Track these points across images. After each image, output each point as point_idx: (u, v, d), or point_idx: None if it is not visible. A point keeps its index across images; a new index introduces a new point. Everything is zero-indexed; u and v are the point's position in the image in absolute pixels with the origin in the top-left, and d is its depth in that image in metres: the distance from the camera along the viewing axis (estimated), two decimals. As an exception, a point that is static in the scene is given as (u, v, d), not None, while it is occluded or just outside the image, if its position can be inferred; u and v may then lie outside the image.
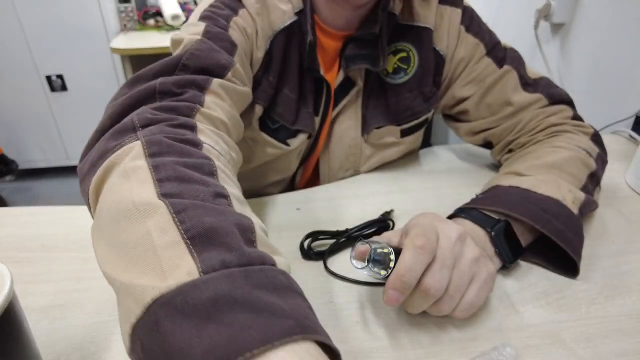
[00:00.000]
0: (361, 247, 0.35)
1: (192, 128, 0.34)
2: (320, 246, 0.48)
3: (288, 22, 0.54)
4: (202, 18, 0.48)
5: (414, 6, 0.59)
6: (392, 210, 0.54)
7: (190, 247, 0.23)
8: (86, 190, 0.31)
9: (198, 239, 0.23)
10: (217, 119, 0.39)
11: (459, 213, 0.45)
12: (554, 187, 0.46)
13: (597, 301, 0.41)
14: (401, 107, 0.62)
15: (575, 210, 0.45)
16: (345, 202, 0.58)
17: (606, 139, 0.77)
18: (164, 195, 0.25)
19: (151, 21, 2.01)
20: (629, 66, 0.83)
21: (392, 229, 0.51)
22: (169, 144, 0.30)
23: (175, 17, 1.89)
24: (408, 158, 0.72)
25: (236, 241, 0.24)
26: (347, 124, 0.62)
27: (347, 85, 0.59)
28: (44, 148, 2.19)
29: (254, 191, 0.66)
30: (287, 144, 0.59)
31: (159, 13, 2.00)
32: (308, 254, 0.45)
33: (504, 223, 0.43)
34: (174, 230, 0.23)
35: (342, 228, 0.51)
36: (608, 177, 0.63)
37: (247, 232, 0.25)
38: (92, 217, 0.31)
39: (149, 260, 0.23)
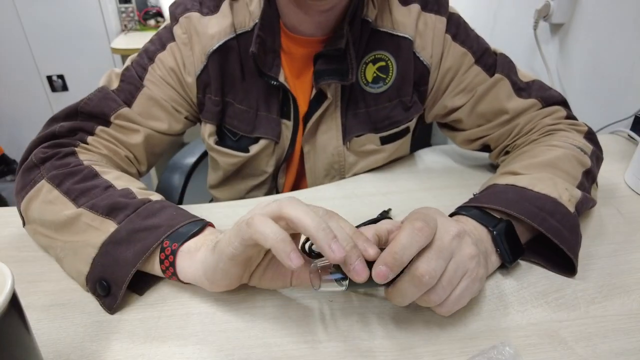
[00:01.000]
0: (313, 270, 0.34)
1: (73, 153, 0.51)
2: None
3: (222, 42, 0.57)
4: (132, 61, 0.59)
5: (392, 13, 0.58)
6: (389, 210, 0.54)
7: (107, 217, 0.42)
8: (19, 203, 0.47)
9: (108, 213, 0.43)
10: (96, 152, 0.53)
11: (460, 211, 0.45)
12: (550, 186, 0.46)
13: (596, 300, 0.41)
14: (380, 116, 0.62)
15: (571, 209, 0.45)
16: (345, 202, 0.58)
17: (605, 138, 0.78)
18: (80, 205, 0.44)
19: (152, 22, 2.01)
20: (628, 66, 0.83)
21: None
22: (63, 174, 0.46)
23: (175, 17, 1.89)
24: (408, 158, 0.72)
25: (125, 202, 0.43)
26: (328, 133, 0.62)
27: (320, 97, 0.59)
28: (45, 148, 2.19)
29: (240, 197, 0.69)
30: (247, 151, 0.62)
31: (159, 13, 2.00)
32: (309, 255, 0.45)
33: (505, 223, 0.43)
34: (96, 216, 0.43)
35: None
36: (607, 177, 0.63)
37: (129, 195, 0.45)
38: (24, 225, 0.48)
39: (90, 229, 0.42)
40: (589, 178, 0.51)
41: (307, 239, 0.42)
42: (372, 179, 0.65)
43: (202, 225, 0.42)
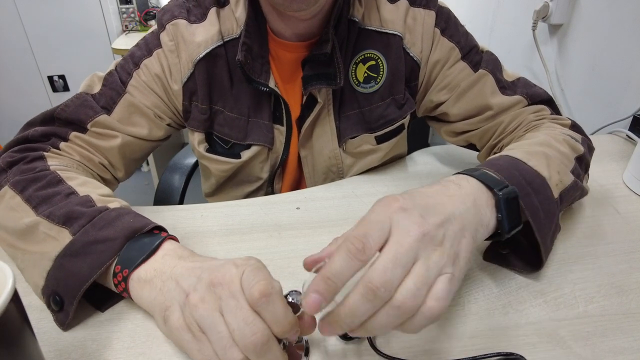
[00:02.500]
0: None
1: (41, 157, 0.50)
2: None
3: (209, 49, 0.56)
4: (116, 65, 0.59)
5: (380, 10, 0.58)
6: None
7: (63, 226, 0.41)
8: None
9: (64, 222, 0.41)
10: (67, 158, 0.53)
11: (464, 172, 0.41)
12: (543, 163, 0.44)
13: (595, 300, 0.42)
14: (374, 116, 0.62)
15: (555, 194, 0.43)
16: (345, 201, 0.58)
17: (604, 139, 0.78)
18: (39, 214, 0.42)
19: (152, 22, 2.01)
20: (627, 67, 0.84)
21: None
22: (27, 180, 0.46)
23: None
24: (407, 158, 0.72)
25: (81, 211, 0.42)
26: (323, 137, 0.62)
27: (311, 101, 0.59)
28: (45, 149, 2.19)
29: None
30: (239, 157, 0.62)
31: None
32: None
33: (512, 188, 0.39)
34: (53, 225, 0.41)
35: (341, 228, 0.51)
36: (605, 177, 0.63)
37: (88, 203, 0.43)
38: None
39: (48, 238, 0.41)
40: (582, 164, 0.50)
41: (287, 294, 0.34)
42: (371, 179, 0.65)
43: (158, 243, 0.39)
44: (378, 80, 0.60)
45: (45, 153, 0.51)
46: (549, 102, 0.60)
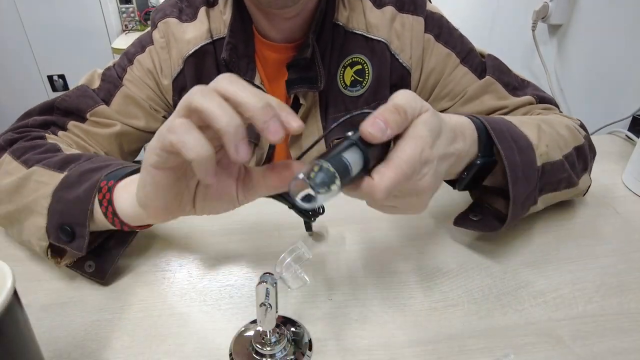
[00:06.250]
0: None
1: (42, 137, 0.52)
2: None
3: (198, 46, 0.58)
4: (113, 62, 0.61)
5: (366, 15, 0.58)
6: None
7: (58, 171, 0.43)
8: None
9: (60, 167, 0.43)
10: (64, 142, 0.53)
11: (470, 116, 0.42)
12: (534, 132, 0.44)
13: (593, 300, 0.42)
14: (360, 119, 0.62)
15: (538, 162, 0.43)
16: (345, 201, 0.58)
17: (603, 139, 0.78)
18: (34, 166, 0.44)
19: (151, 22, 2.01)
20: (626, 67, 0.84)
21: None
22: (26, 147, 0.48)
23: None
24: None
25: (78, 155, 0.45)
26: (311, 137, 0.62)
27: (297, 103, 0.60)
28: (44, 148, 2.19)
29: None
30: None
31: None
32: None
33: (491, 161, 0.40)
34: (47, 170, 0.43)
35: (341, 228, 0.52)
36: (605, 177, 0.63)
37: (86, 153, 0.47)
38: None
39: (41, 185, 0.42)
40: (579, 156, 0.49)
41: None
42: (372, 179, 0.65)
43: None
44: (364, 84, 0.60)
45: (45, 134, 0.53)
46: (556, 106, 0.60)
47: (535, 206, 0.46)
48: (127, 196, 0.37)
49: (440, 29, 0.59)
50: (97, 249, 0.43)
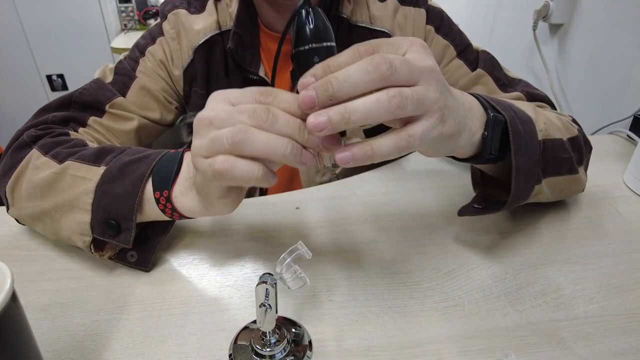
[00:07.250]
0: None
1: (66, 133, 0.51)
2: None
3: (207, 37, 0.59)
4: (124, 56, 0.61)
5: (369, 7, 0.59)
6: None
7: (94, 164, 0.43)
8: (3, 189, 0.47)
9: (95, 159, 0.43)
10: (85, 139, 0.52)
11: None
12: (530, 111, 0.44)
13: (595, 300, 0.41)
14: None
15: (539, 137, 0.43)
16: (344, 201, 0.58)
17: (604, 139, 0.78)
18: (68, 161, 0.43)
19: (152, 21, 2.01)
20: (627, 66, 0.83)
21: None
22: (53, 142, 0.47)
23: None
24: (406, 158, 0.72)
25: (111, 147, 0.45)
26: None
27: None
28: (44, 148, 2.19)
29: None
30: None
31: (159, 13, 2.00)
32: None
33: (502, 117, 0.39)
34: (83, 164, 0.43)
35: (341, 228, 0.51)
36: (606, 177, 0.63)
37: (116, 149, 0.45)
38: (8, 210, 0.47)
39: (77, 180, 0.42)
40: (574, 146, 0.48)
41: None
42: (371, 179, 0.65)
43: (181, 153, 0.42)
44: None
45: (68, 131, 0.53)
46: (548, 103, 0.60)
47: (539, 186, 0.45)
48: (189, 201, 0.39)
49: (440, 21, 0.60)
50: (136, 239, 0.43)
